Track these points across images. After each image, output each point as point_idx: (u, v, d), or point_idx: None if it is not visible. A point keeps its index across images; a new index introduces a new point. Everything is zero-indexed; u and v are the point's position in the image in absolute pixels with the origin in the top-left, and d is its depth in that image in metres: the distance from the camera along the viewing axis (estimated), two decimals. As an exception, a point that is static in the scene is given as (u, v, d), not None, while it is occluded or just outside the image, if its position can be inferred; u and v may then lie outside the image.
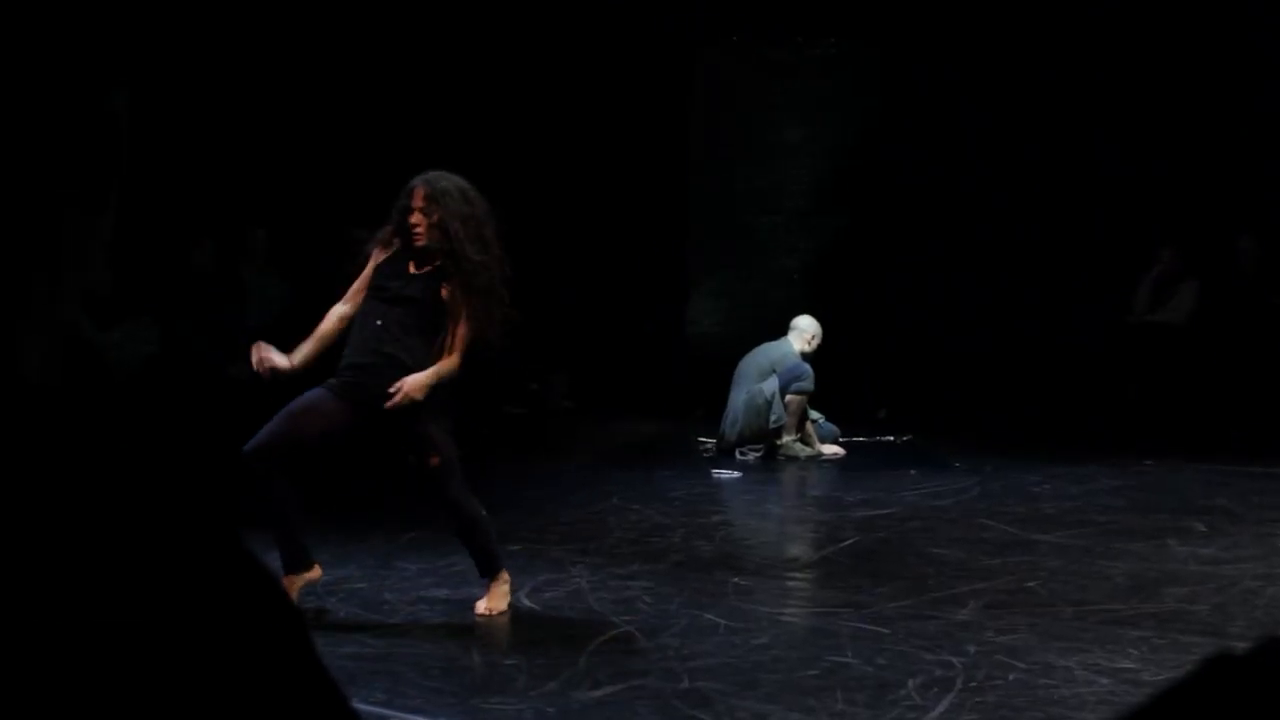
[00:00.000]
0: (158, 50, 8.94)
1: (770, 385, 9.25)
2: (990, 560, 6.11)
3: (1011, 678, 4.38)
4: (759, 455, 9.34)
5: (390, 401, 4.82)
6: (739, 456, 9.32)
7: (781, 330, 9.68)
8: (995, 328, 11.40)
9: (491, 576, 5.18)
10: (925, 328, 11.62)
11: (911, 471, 8.62)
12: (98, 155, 0.83)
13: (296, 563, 5.01)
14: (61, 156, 0.81)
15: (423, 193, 4.95)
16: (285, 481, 4.89)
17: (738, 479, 8.60)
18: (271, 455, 4.84)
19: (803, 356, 9.40)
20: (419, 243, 4.95)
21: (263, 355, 4.96)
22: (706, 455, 9.49)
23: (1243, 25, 10.88)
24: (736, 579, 5.75)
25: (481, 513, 5.09)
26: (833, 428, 9.80)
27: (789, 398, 9.25)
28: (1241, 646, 0.74)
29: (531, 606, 5.30)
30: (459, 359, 4.97)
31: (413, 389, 4.84)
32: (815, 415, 9.65)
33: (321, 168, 10.63)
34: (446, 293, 4.96)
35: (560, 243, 12.03)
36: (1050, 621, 5.07)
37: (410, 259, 5.00)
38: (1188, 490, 7.88)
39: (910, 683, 4.31)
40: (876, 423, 10.60)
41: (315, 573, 5.12)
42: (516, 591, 5.37)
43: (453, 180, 5.01)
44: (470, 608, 5.17)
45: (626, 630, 4.94)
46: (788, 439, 9.32)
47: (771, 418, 9.24)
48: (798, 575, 6.07)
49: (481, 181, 5.19)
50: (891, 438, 10.18)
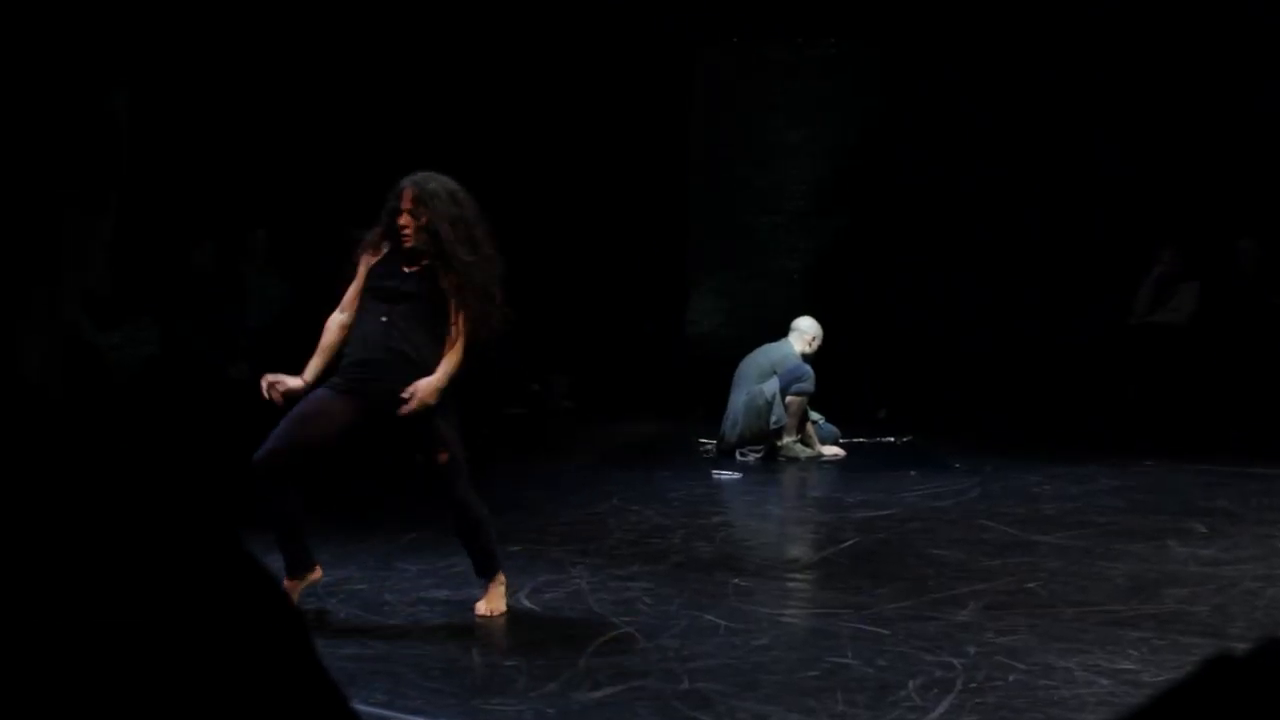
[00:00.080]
0: (158, 50, 8.94)
1: (771, 386, 9.25)
2: (990, 561, 6.11)
3: (1011, 679, 4.37)
4: (759, 456, 9.34)
5: (405, 408, 4.82)
6: (739, 457, 9.32)
7: (782, 331, 9.68)
8: (995, 328, 11.41)
9: (490, 577, 5.18)
10: (926, 328, 11.62)
11: (911, 472, 8.61)
12: (98, 156, 0.83)
13: (299, 566, 5.01)
14: (62, 157, 0.81)
15: (411, 194, 4.94)
16: (293, 488, 4.89)
17: (738, 480, 8.60)
18: (282, 463, 4.83)
19: (803, 358, 9.39)
20: (407, 244, 4.95)
21: (272, 382, 4.94)
22: (707, 456, 9.49)
23: (1243, 26, 10.88)
24: (737, 580, 5.75)
25: (485, 513, 5.09)
26: (833, 429, 9.80)
27: (789, 399, 9.25)
28: (1241, 648, 0.74)
29: (532, 607, 5.30)
30: (462, 355, 4.97)
31: (427, 394, 4.84)
32: (815, 416, 9.65)
33: (321, 168, 10.63)
34: (444, 286, 4.96)
35: (560, 243, 12.04)
36: (1050, 622, 5.07)
37: (402, 259, 4.99)
38: (1188, 491, 7.88)
39: (910, 684, 4.31)
40: (876, 424, 10.60)
41: (316, 574, 5.13)
42: (516, 592, 5.37)
43: (441, 181, 5.00)
44: (470, 609, 5.17)
45: (626, 631, 4.94)
46: (788, 440, 9.32)
47: (772, 419, 9.24)
48: (798, 576, 6.07)
49: (482, 182, 5.18)
50: (892, 439, 10.18)
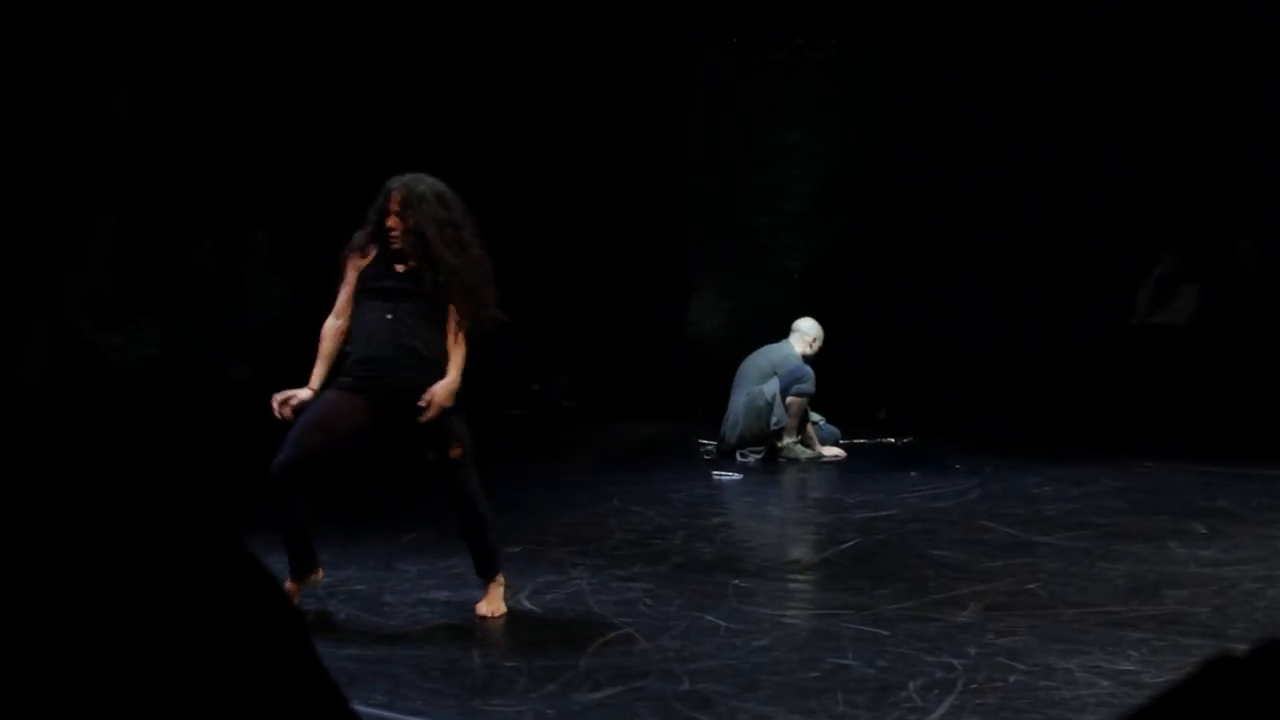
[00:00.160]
0: (159, 51, 8.94)
1: (771, 387, 9.24)
2: (991, 562, 6.11)
3: (1012, 679, 4.37)
4: (759, 457, 9.33)
5: (426, 416, 4.82)
6: (739, 458, 9.32)
7: (782, 332, 9.67)
8: (996, 329, 11.40)
9: (490, 578, 5.18)
10: (926, 329, 11.62)
11: (912, 473, 8.62)
12: (98, 156, 0.83)
13: (304, 568, 5.02)
14: (62, 157, 0.81)
15: (399, 197, 4.94)
16: (307, 495, 4.90)
17: (738, 481, 8.59)
18: (299, 471, 4.83)
19: (804, 359, 9.39)
20: (395, 245, 4.96)
21: (283, 400, 4.91)
22: (707, 457, 9.48)
23: (1243, 26, 10.88)
24: (737, 581, 5.75)
25: (492, 511, 5.10)
26: (833, 429, 9.80)
27: (790, 400, 9.25)
28: (1242, 649, 0.74)
29: (532, 608, 5.30)
30: (465, 351, 4.98)
31: (444, 397, 4.85)
32: (816, 417, 9.65)
33: (322, 169, 10.63)
34: (437, 283, 4.97)
35: (561, 244, 12.04)
36: (1051, 623, 5.07)
37: (392, 259, 5.00)
38: (1188, 492, 7.88)
39: (911, 684, 4.31)
40: (877, 424, 10.60)
41: (317, 575, 5.13)
42: (517, 593, 5.37)
43: (428, 183, 4.99)
44: (470, 610, 5.17)
45: (627, 632, 4.94)
46: (788, 441, 9.32)
47: (772, 419, 9.24)
48: (798, 577, 6.06)
49: (483, 182, 5.19)
50: (892, 440, 10.18)
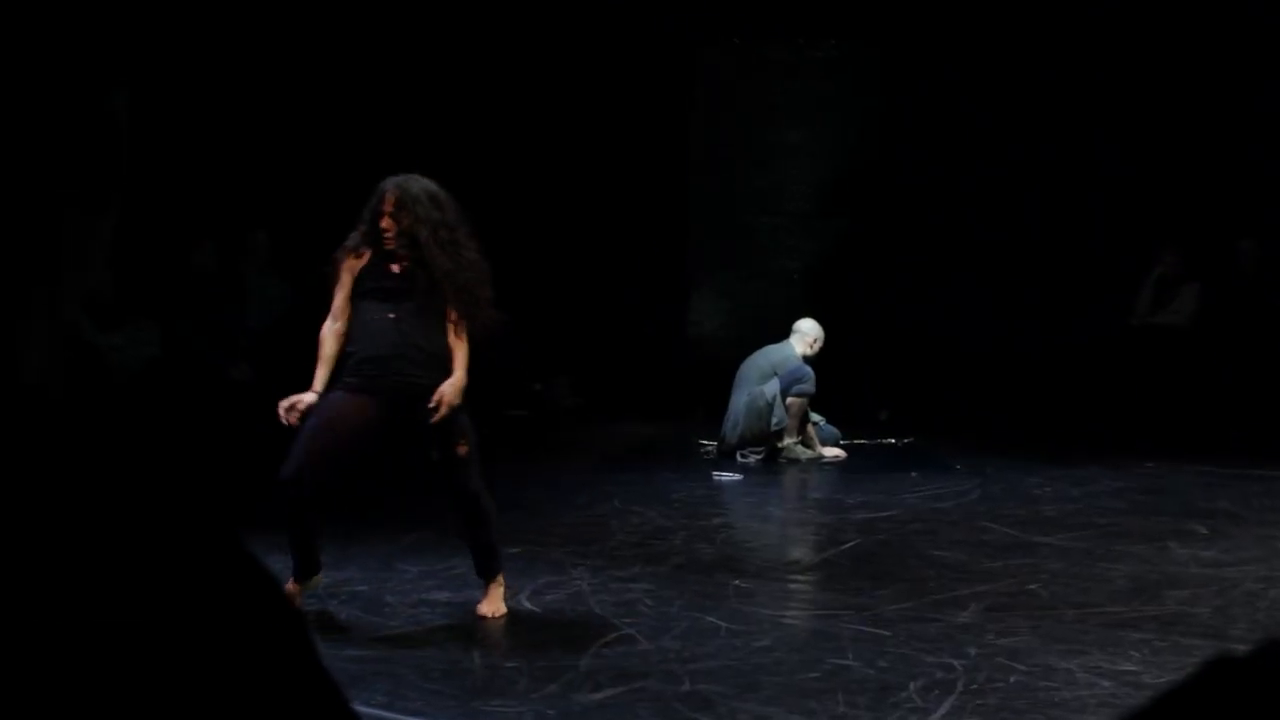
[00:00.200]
0: (159, 51, 8.94)
1: (771, 388, 9.24)
2: (991, 563, 6.11)
3: (1013, 680, 4.37)
4: (760, 458, 9.33)
5: (437, 416, 4.82)
6: (740, 459, 9.32)
7: (782, 332, 9.67)
8: (996, 329, 11.40)
9: (491, 578, 5.18)
10: (926, 329, 11.62)
11: (912, 474, 8.62)
12: (98, 156, 0.83)
13: (308, 571, 5.03)
14: (62, 157, 0.81)
15: (393, 198, 4.94)
16: (318, 500, 4.91)
17: (739, 481, 8.59)
18: (310, 476, 4.83)
19: (804, 359, 9.39)
20: (389, 247, 4.96)
21: (289, 406, 4.88)
22: (707, 457, 9.48)
23: (1243, 26, 10.88)
24: (738, 581, 5.75)
25: (495, 510, 5.10)
26: (834, 430, 9.80)
27: (790, 400, 9.25)
28: (1243, 649, 0.74)
29: (532, 609, 5.30)
30: (468, 348, 4.99)
31: (454, 396, 4.86)
32: (816, 418, 9.65)
33: (322, 170, 10.63)
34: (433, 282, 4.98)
35: (561, 244, 12.03)
36: (1051, 624, 5.07)
37: (387, 259, 5.00)
38: (1189, 493, 7.88)
39: (911, 685, 4.31)
40: (877, 425, 10.60)
41: (318, 577, 5.15)
42: (517, 594, 5.37)
43: (422, 184, 4.99)
44: (471, 610, 5.17)
45: (628, 633, 4.94)
46: (789, 441, 9.32)
47: (773, 420, 9.24)
48: (799, 578, 6.06)
49: (483, 183, 5.18)
50: (892, 440, 10.18)
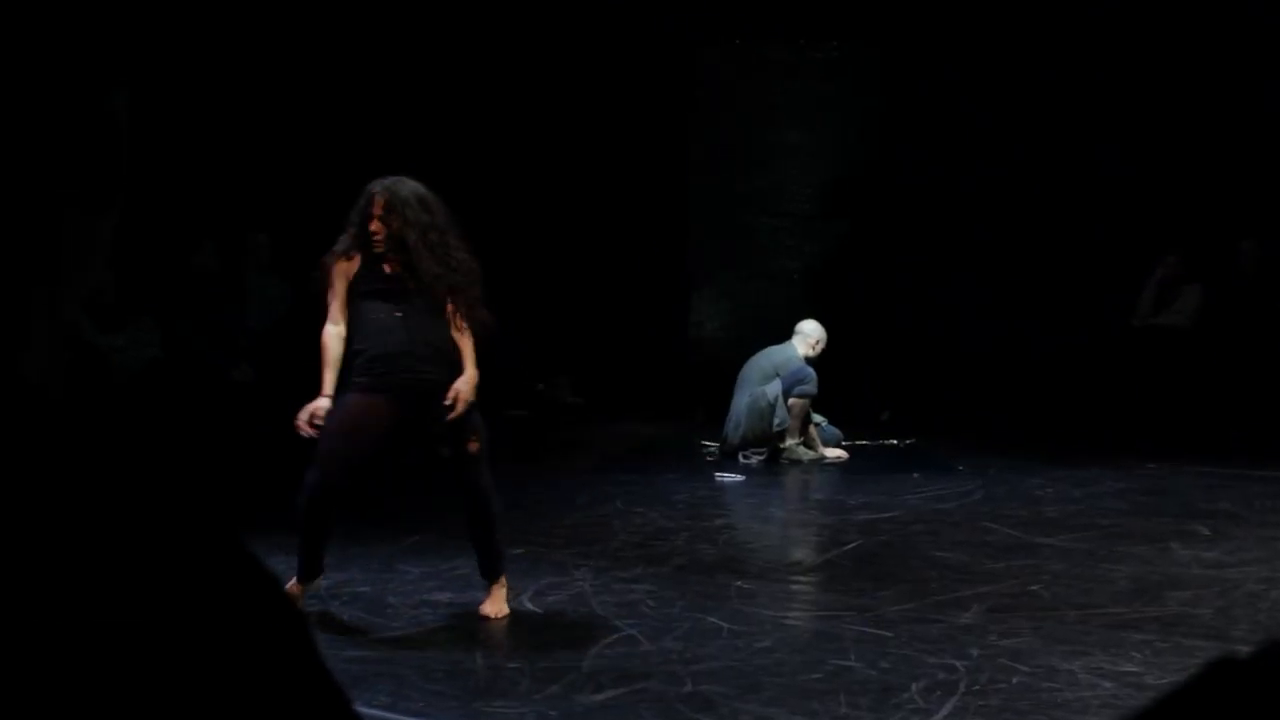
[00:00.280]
0: (160, 52, 8.95)
1: (773, 388, 9.24)
2: (993, 563, 6.11)
3: (1015, 681, 4.37)
4: (762, 458, 9.33)
5: (454, 413, 4.84)
6: (742, 460, 9.32)
7: (783, 333, 9.67)
8: (997, 330, 11.40)
9: (494, 579, 5.18)
10: (927, 330, 11.61)
11: (914, 475, 8.61)
12: (99, 157, 0.83)
13: (312, 573, 5.05)
14: (62, 158, 0.81)
15: (383, 201, 4.95)
16: (338, 506, 4.94)
17: (741, 482, 8.59)
18: (336, 485, 4.87)
19: (806, 361, 9.39)
20: (378, 250, 4.97)
21: (308, 417, 4.87)
22: (709, 458, 9.49)
23: (1246, 27, 10.88)
24: (739, 582, 5.75)
25: (501, 509, 5.11)
26: (836, 431, 9.80)
27: (792, 401, 9.25)
28: (1245, 650, 0.74)
29: (534, 610, 5.30)
30: (473, 343, 5.00)
31: (469, 392, 4.88)
32: (818, 418, 9.65)
33: (323, 171, 10.63)
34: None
35: (562, 245, 12.03)
36: (1053, 625, 5.06)
37: (379, 261, 5.01)
38: (1191, 494, 7.88)
39: (913, 686, 4.31)
40: (879, 426, 10.60)
41: (319, 579, 5.16)
42: (519, 595, 5.37)
43: (411, 187, 5.00)
44: (473, 611, 5.17)
45: (629, 633, 4.94)
46: (791, 442, 9.32)
47: (774, 421, 9.24)
48: (801, 579, 6.06)
49: (484, 184, 5.19)
50: (894, 441, 10.18)
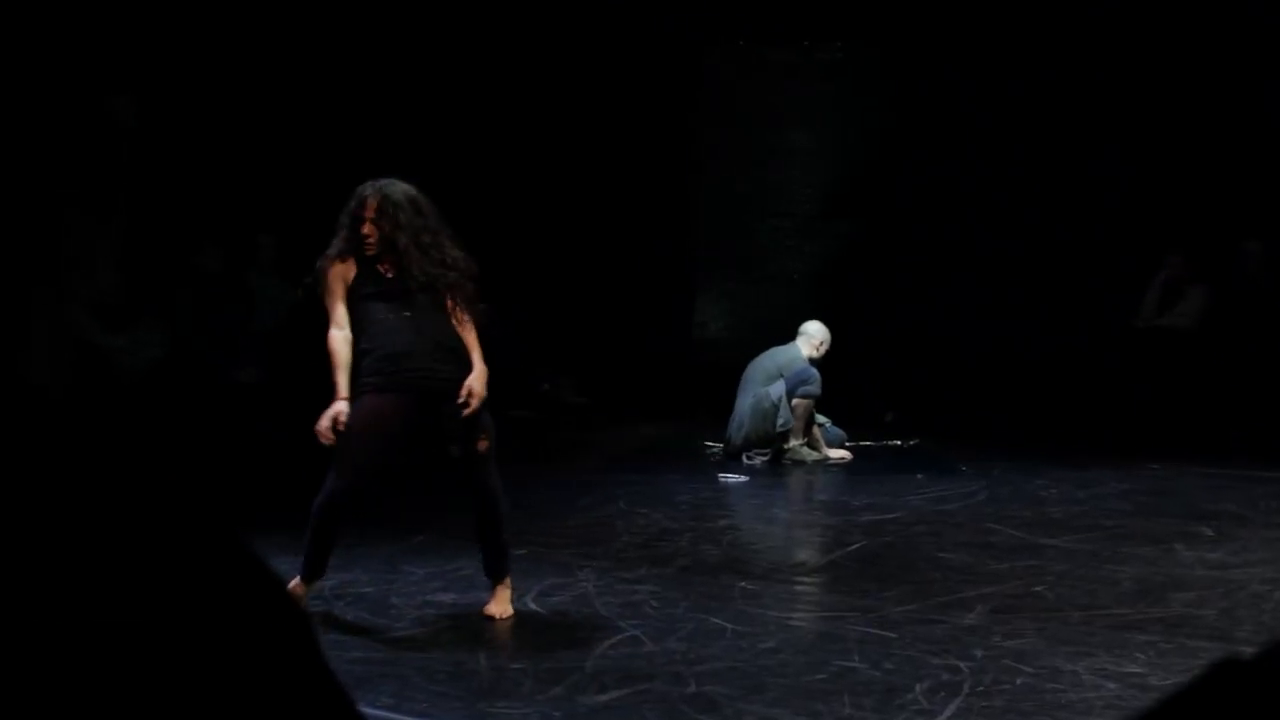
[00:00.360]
0: (165, 57, 8.96)
1: (777, 389, 9.24)
2: (997, 564, 6.10)
3: (1019, 682, 4.37)
4: (766, 459, 9.33)
5: (469, 409, 4.85)
6: (746, 460, 9.32)
7: (787, 334, 9.67)
8: (1000, 331, 11.39)
9: (499, 580, 5.18)
10: (931, 331, 11.61)
11: (918, 476, 8.61)
12: (105, 161, 0.83)
13: (316, 574, 5.05)
14: (69, 162, 0.81)
15: (375, 204, 4.96)
16: (351, 514, 4.98)
17: (744, 483, 8.59)
18: (360, 493, 4.91)
19: (810, 362, 9.39)
20: (370, 252, 4.97)
21: (333, 419, 4.84)
22: (713, 459, 9.48)
23: (1247, 26, 10.87)
24: (743, 583, 5.75)
25: (508, 512, 5.12)
26: (839, 432, 9.79)
27: (796, 402, 9.25)
28: (1249, 651, 0.74)
29: (538, 610, 5.30)
30: (477, 338, 5.02)
31: (483, 389, 4.90)
32: (822, 419, 9.65)
33: (327, 173, 10.63)
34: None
35: (566, 247, 12.04)
36: (1057, 626, 5.06)
37: (375, 263, 5.01)
38: (1195, 495, 7.87)
39: (917, 687, 4.30)
40: (883, 427, 10.59)
41: (321, 580, 5.18)
42: (523, 595, 5.37)
43: (403, 189, 5.00)
44: (477, 612, 5.17)
45: (633, 634, 4.93)
46: (794, 443, 9.32)
47: (778, 421, 9.24)
48: (805, 579, 6.06)
49: (488, 186, 5.19)
50: (898, 442, 10.18)
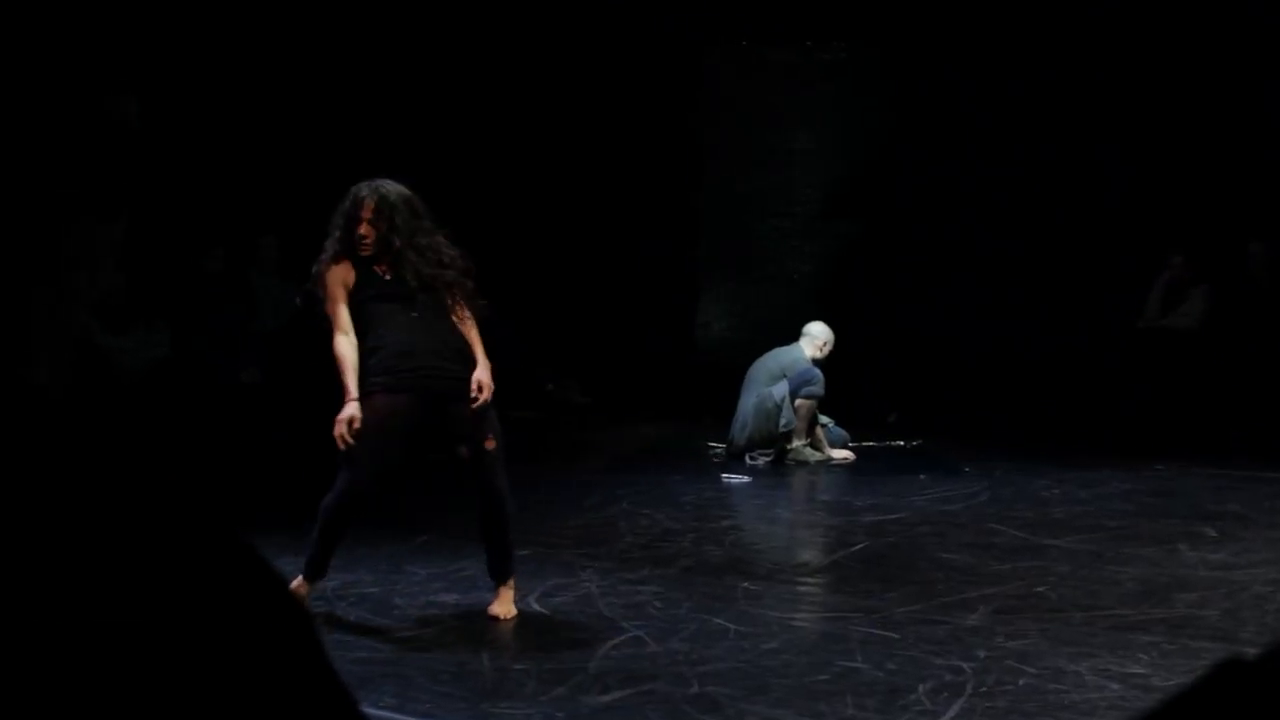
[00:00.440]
0: (170, 59, 8.97)
1: (780, 390, 9.24)
2: (1000, 565, 6.10)
3: (1021, 683, 4.37)
4: (768, 460, 9.33)
5: (478, 404, 4.87)
6: (749, 461, 9.32)
7: (790, 335, 9.68)
8: (1003, 331, 11.39)
9: (504, 580, 5.18)
10: (934, 331, 11.61)
11: (921, 476, 8.61)
12: (110, 163, 0.83)
13: (319, 573, 5.06)
14: (74, 164, 0.81)
15: (372, 204, 4.96)
16: (359, 515, 4.99)
17: (747, 483, 8.59)
18: (372, 495, 4.93)
19: (813, 362, 9.39)
20: (365, 253, 4.98)
21: (349, 421, 4.83)
22: (716, 460, 9.48)
23: (1249, 26, 10.87)
24: (746, 584, 5.75)
25: (514, 512, 5.12)
26: (842, 432, 9.79)
27: (799, 402, 9.25)
28: (1252, 652, 0.74)
29: (541, 611, 5.30)
30: (479, 335, 5.04)
31: (491, 382, 4.92)
32: (825, 420, 9.65)
33: (331, 175, 10.64)
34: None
35: (568, 248, 12.04)
36: (1060, 626, 5.06)
37: (372, 264, 5.01)
38: (1198, 495, 7.87)
39: (920, 687, 4.30)
40: (886, 427, 10.59)
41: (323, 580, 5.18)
42: (526, 596, 5.37)
43: (398, 190, 5.01)
44: (480, 612, 5.18)
45: (636, 635, 4.93)
46: (797, 443, 9.31)
47: (781, 422, 9.24)
48: (807, 580, 6.06)
49: (490, 187, 5.19)
50: (901, 442, 10.18)
